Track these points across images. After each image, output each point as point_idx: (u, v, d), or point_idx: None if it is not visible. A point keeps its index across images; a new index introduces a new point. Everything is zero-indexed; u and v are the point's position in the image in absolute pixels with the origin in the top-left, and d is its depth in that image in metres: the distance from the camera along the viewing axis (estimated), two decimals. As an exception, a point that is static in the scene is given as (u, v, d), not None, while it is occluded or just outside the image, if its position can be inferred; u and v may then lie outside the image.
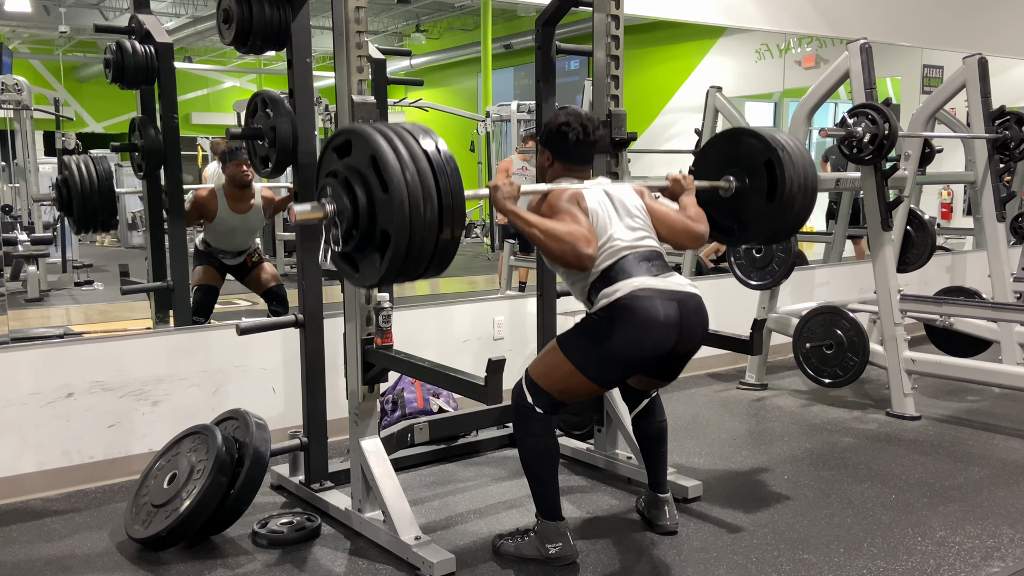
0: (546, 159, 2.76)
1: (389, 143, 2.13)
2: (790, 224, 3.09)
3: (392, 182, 2.09)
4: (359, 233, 2.21)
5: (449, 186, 2.16)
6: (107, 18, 11.46)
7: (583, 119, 2.68)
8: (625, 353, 2.46)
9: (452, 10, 12.64)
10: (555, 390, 2.56)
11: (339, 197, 2.22)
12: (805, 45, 7.50)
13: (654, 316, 2.44)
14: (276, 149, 2.86)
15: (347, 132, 2.26)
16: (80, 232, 3.97)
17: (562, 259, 2.47)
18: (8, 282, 6.17)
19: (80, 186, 3.67)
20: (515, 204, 2.48)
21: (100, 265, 8.39)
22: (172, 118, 3.84)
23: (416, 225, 2.11)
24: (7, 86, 6.58)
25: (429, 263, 2.21)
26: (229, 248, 4.48)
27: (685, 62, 9.68)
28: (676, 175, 2.92)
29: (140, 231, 9.58)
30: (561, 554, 2.59)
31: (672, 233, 2.75)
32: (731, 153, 3.10)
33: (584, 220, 2.51)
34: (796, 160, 2.97)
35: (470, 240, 12.38)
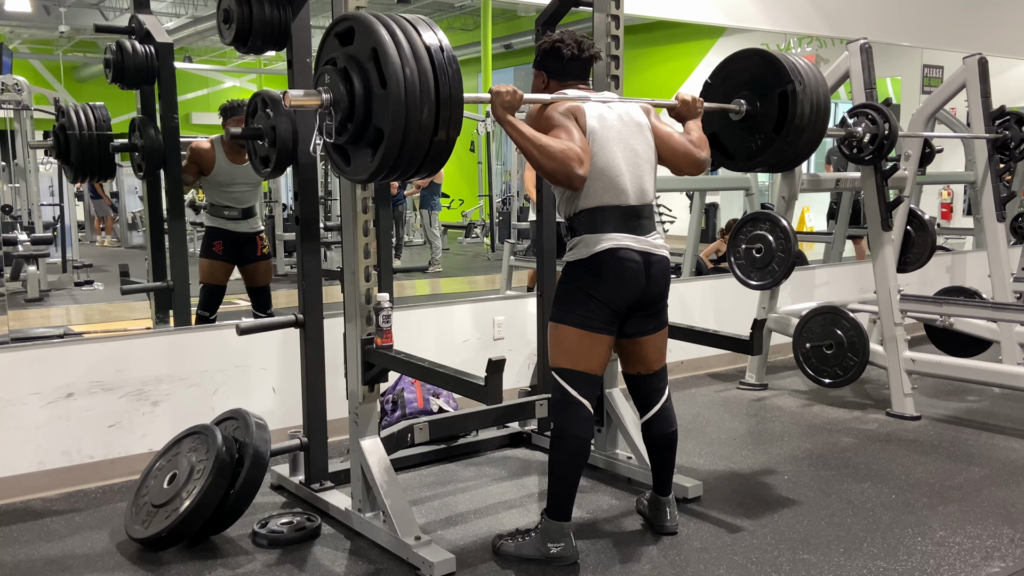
0: (541, 81, 2.72)
1: (392, 36, 2.08)
2: (794, 156, 3.07)
3: (391, 79, 2.05)
4: (353, 126, 2.18)
5: (449, 87, 2.13)
6: (107, 18, 11.46)
7: (576, 36, 2.68)
8: (604, 294, 2.54)
9: (452, 10, 12.64)
10: (578, 361, 2.58)
11: (336, 86, 2.18)
12: (805, 45, 7.50)
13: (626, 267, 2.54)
14: (276, 149, 2.86)
15: (351, 19, 2.19)
16: (77, 181, 3.93)
17: (553, 176, 2.46)
18: (8, 282, 6.17)
19: (78, 132, 3.65)
20: (514, 114, 2.46)
21: (100, 265, 8.40)
22: (172, 118, 3.84)
23: (412, 125, 2.09)
24: (7, 86, 6.57)
25: (421, 164, 2.19)
26: (233, 203, 4.38)
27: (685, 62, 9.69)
28: (686, 96, 2.87)
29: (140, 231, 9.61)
30: (562, 554, 2.59)
31: (672, 156, 2.73)
32: (746, 76, 3.03)
33: (578, 136, 2.48)
34: (811, 91, 2.92)
35: (470, 240, 12.39)
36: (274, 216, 8.91)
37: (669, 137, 2.72)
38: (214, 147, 4.31)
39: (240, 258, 4.47)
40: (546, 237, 3.55)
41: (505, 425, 3.70)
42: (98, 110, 3.74)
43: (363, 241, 2.77)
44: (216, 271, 4.38)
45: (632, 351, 2.76)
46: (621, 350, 2.77)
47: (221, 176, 4.32)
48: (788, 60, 2.98)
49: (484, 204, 11.39)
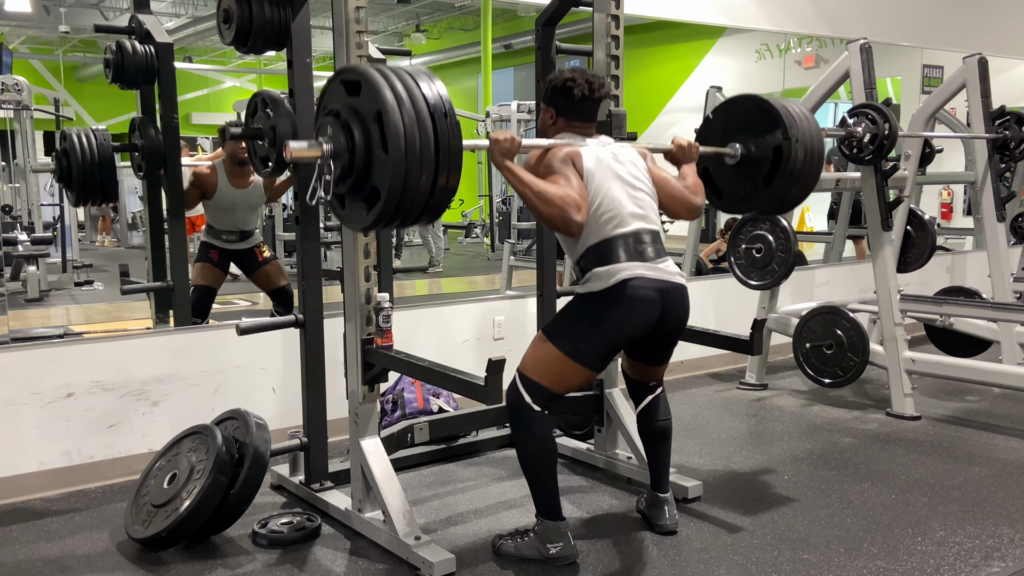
0: (549, 117, 2.73)
1: (397, 100, 2.09)
2: (790, 200, 3.09)
3: (393, 145, 2.07)
4: (352, 180, 2.19)
5: (449, 145, 2.14)
6: (107, 18, 11.47)
7: (588, 76, 2.67)
8: (608, 334, 2.50)
9: (452, 10, 12.64)
10: (549, 381, 2.56)
11: (337, 139, 2.19)
12: (805, 45, 7.50)
13: (638, 301, 2.49)
14: (276, 149, 2.86)
15: (359, 74, 2.19)
16: (79, 204, 3.93)
17: (550, 222, 2.47)
18: (8, 282, 6.17)
19: (80, 157, 3.65)
20: (512, 160, 2.47)
21: (100, 265, 8.40)
22: (172, 118, 3.84)
23: (409, 188, 2.11)
24: (7, 86, 6.57)
25: (417, 218, 2.22)
26: (231, 227, 4.42)
27: (685, 62, 9.68)
28: (682, 141, 2.90)
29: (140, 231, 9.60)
30: (561, 554, 2.59)
31: (669, 201, 2.75)
32: (742, 121, 3.06)
33: (576, 182, 2.49)
34: (806, 145, 2.94)
35: (470, 240, 12.39)
36: (274, 216, 8.91)
37: (666, 183, 2.75)
38: (216, 171, 4.33)
39: (243, 269, 4.50)
40: (546, 237, 3.55)
41: (505, 425, 3.70)
42: (100, 134, 3.74)
43: (363, 241, 2.77)
44: (208, 274, 4.39)
45: (640, 368, 2.83)
46: (629, 362, 2.81)
47: (223, 201, 4.36)
48: (786, 112, 2.99)
49: (484, 204, 11.39)
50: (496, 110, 10.26)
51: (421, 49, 13.44)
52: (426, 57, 13.75)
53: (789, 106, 3.02)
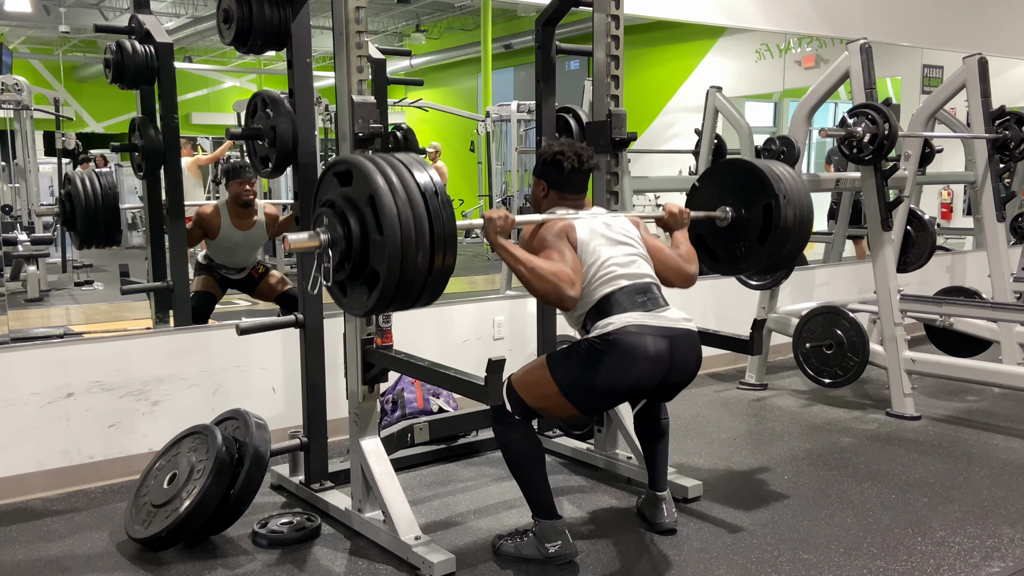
0: (541, 189, 2.80)
1: (388, 183, 2.16)
2: (779, 263, 3.15)
3: (387, 226, 2.13)
4: (350, 266, 2.25)
5: (443, 227, 2.20)
6: (107, 18, 11.46)
7: (576, 148, 2.73)
8: (609, 385, 2.48)
9: (452, 10, 12.64)
10: (533, 403, 2.59)
11: (334, 228, 2.25)
12: (805, 45, 7.50)
13: (643, 351, 2.46)
14: (276, 149, 2.86)
15: (349, 163, 2.27)
16: (83, 247, 3.94)
17: (545, 298, 2.49)
18: (8, 282, 6.17)
19: (84, 200, 3.66)
20: (507, 238, 2.51)
21: (100, 265, 8.39)
22: (172, 118, 3.84)
23: (407, 268, 2.16)
24: (7, 86, 6.58)
25: (417, 299, 2.27)
26: (232, 264, 4.49)
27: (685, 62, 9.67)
28: (673, 208, 2.95)
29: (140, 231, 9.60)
30: (561, 552, 2.59)
31: (664, 270, 2.77)
32: (732, 183, 3.13)
33: (571, 257, 2.52)
34: (794, 202, 3.01)
35: (470, 240, 12.39)
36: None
37: (660, 252, 2.78)
38: (219, 212, 4.36)
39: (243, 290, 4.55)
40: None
41: (505, 425, 3.69)
42: (104, 177, 3.75)
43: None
44: (209, 283, 4.43)
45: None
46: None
47: (225, 241, 4.40)
48: (772, 172, 3.04)
49: (484, 204, 11.38)
50: (496, 110, 10.26)
51: (421, 49, 13.44)
52: (426, 57, 13.75)
53: (774, 166, 3.09)
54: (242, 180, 4.36)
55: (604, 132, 3.25)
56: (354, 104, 2.63)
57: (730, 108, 6.02)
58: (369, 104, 2.66)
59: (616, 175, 3.33)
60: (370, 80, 2.73)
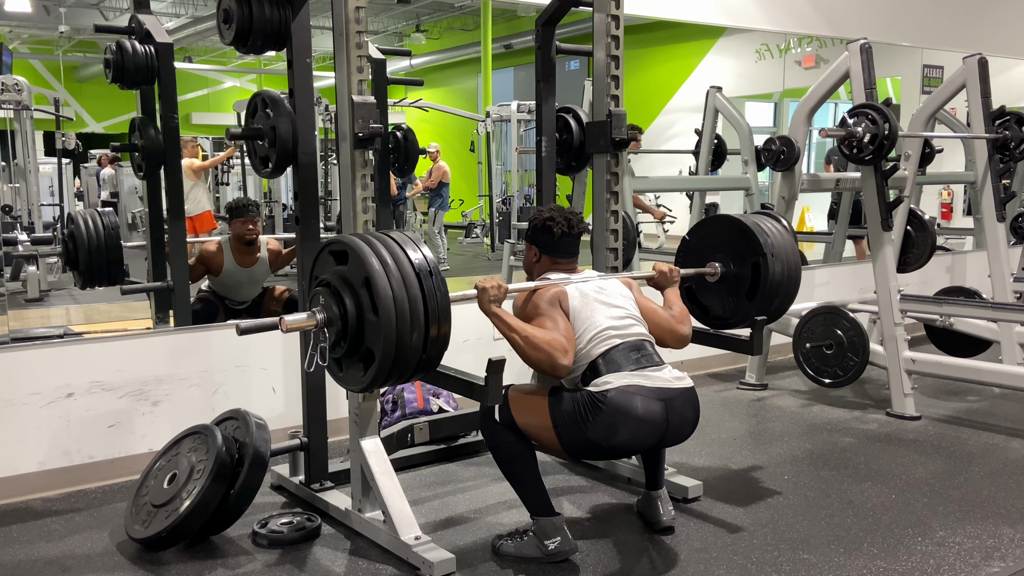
0: (533, 255, 2.83)
1: (383, 265, 2.20)
2: (772, 314, 3.19)
3: (382, 308, 2.16)
4: (346, 345, 2.28)
5: (437, 304, 2.24)
6: (107, 18, 11.47)
7: (566, 213, 2.77)
8: (600, 442, 2.50)
9: (452, 10, 12.65)
10: (522, 423, 2.60)
11: (330, 308, 2.28)
12: (805, 45, 7.51)
13: (635, 416, 2.47)
14: (276, 149, 2.86)
15: (345, 244, 2.30)
16: (85, 287, 3.93)
17: (538, 366, 2.52)
18: (8, 282, 6.17)
19: (87, 241, 3.67)
20: (499, 306, 2.53)
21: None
22: (172, 118, 3.84)
23: (402, 348, 2.20)
24: (7, 86, 6.58)
25: (413, 374, 2.31)
26: (235, 297, 4.53)
27: (685, 62, 9.68)
28: (662, 267, 2.99)
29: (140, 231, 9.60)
30: (560, 548, 2.59)
31: (658, 331, 2.79)
32: (719, 241, 3.18)
33: (563, 325, 2.55)
34: (782, 258, 3.07)
35: (470, 240, 12.39)
36: (274, 216, 8.92)
37: (653, 313, 2.81)
38: (222, 250, 4.37)
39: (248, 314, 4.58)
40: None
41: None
42: (106, 216, 3.75)
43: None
44: (215, 300, 4.47)
45: None
46: None
47: (228, 279, 4.42)
48: (760, 229, 3.10)
49: (484, 204, 11.39)
50: (496, 110, 10.26)
51: (421, 49, 13.45)
52: (426, 57, 13.75)
53: (761, 222, 3.14)
54: (245, 219, 4.39)
55: (604, 132, 3.25)
56: (354, 104, 2.63)
57: (730, 108, 6.02)
58: (369, 104, 2.66)
59: (616, 175, 3.33)
60: (370, 80, 2.74)
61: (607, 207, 3.33)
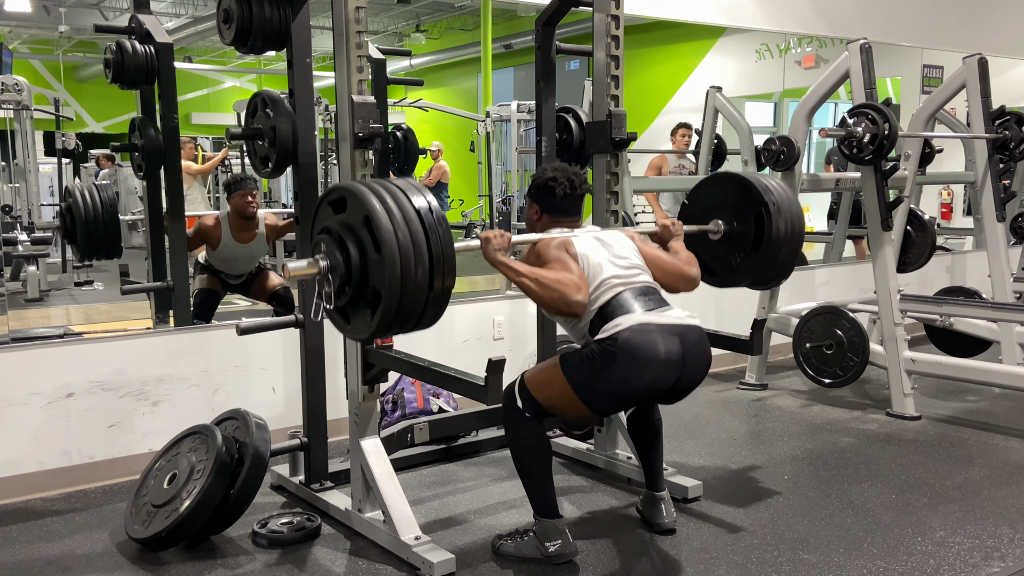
0: (534, 213, 2.81)
1: (383, 204, 2.17)
2: (775, 272, 3.16)
3: (385, 244, 2.14)
4: (351, 290, 2.25)
5: (441, 246, 2.21)
6: (107, 18, 11.46)
7: (569, 174, 2.74)
8: (622, 387, 2.47)
9: (452, 10, 12.64)
10: (546, 402, 2.59)
11: (332, 254, 2.26)
12: (805, 45, 7.50)
13: (654, 353, 2.44)
14: (276, 149, 2.86)
15: (343, 190, 2.28)
16: (84, 260, 3.94)
17: (552, 306, 2.48)
18: (8, 282, 6.17)
19: (84, 214, 3.66)
20: (505, 255, 2.51)
21: (100, 265, 8.37)
22: (172, 118, 3.84)
23: (407, 284, 2.16)
24: (7, 86, 6.57)
25: (419, 319, 2.27)
26: (231, 272, 4.52)
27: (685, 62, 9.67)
28: (665, 221, 2.97)
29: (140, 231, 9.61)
30: (561, 551, 2.59)
31: (665, 276, 2.77)
32: (722, 197, 3.14)
33: (574, 266, 2.53)
34: (784, 211, 3.03)
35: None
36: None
37: (659, 259, 2.79)
38: (220, 225, 4.36)
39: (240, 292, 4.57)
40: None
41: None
42: (104, 190, 3.75)
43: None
44: (212, 281, 4.45)
45: None
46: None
47: (225, 253, 4.41)
48: (760, 182, 3.07)
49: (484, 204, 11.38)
50: (496, 110, 10.25)
51: (421, 49, 13.43)
52: (426, 57, 13.74)
53: (762, 178, 3.12)
54: (244, 192, 4.37)
55: (604, 132, 3.25)
56: (354, 104, 2.64)
57: (730, 108, 6.02)
58: (369, 104, 2.66)
59: (616, 175, 3.33)
60: (370, 80, 2.74)
61: (607, 207, 3.33)
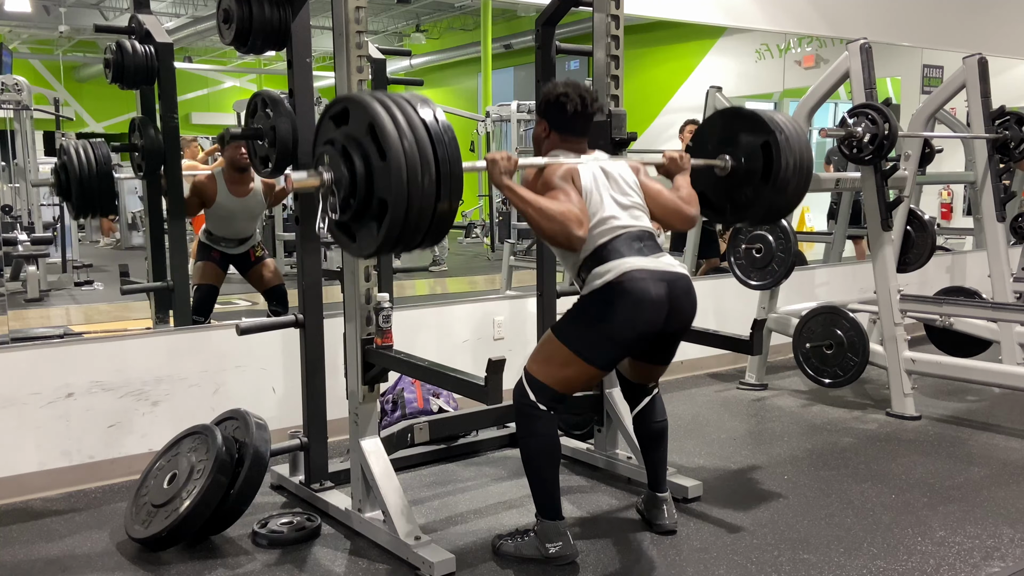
0: (543, 130, 2.74)
1: (387, 111, 2.11)
2: (783, 206, 3.11)
3: (390, 150, 2.08)
4: (356, 202, 2.19)
5: (447, 154, 2.15)
6: (107, 18, 11.46)
7: (581, 90, 2.66)
8: (619, 331, 2.48)
9: (452, 10, 12.64)
10: (556, 382, 2.56)
11: (336, 165, 2.20)
12: (805, 45, 7.50)
13: (646, 294, 2.47)
14: (276, 149, 2.86)
15: (344, 100, 2.23)
16: (79, 217, 3.93)
17: (553, 239, 2.47)
18: (8, 282, 6.17)
19: (79, 171, 3.65)
20: (511, 179, 2.47)
21: (100, 265, 8.39)
22: (172, 118, 3.84)
23: (414, 193, 2.10)
24: (7, 86, 6.57)
25: (426, 233, 2.21)
26: (231, 235, 4.44)
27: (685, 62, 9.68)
28: (673, 153, 2.91)
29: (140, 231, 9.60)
30: (561, 553, 2.59)
31: (663, 212, 2.75)
32: (729, 132, 3.09)
33: (577, 199, 2.50)
34: (793, 143, 2.97)
35: (470, 240, 12.38)
36: (274, 216, 8.90)
37: (659, 195, 2.75)
38: (215, 180, 4.32)
39: (238, 268, 4.51)
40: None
41: (505, 425, 3.70)
42: (98, 148, 3.74)
43: (363, 241, 2.76)
44: (210, 273, 4.40)
45: (639, 369, 2.81)
46: (630, 364, 2.80)
47: (222, 210, 4.36)
48: (767, 114, 3.04)
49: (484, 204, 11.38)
50: (496, 110, 10.25)
51: (421, 49, 13.43)
52: (426, 57, 13.74)
53: (770, 112, 3.07)
54: (237, 145, 4.32)
55: (604, 132, 3.25)
56: (354, 104, 2.63)
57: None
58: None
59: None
60: (370, 80, 2.74)
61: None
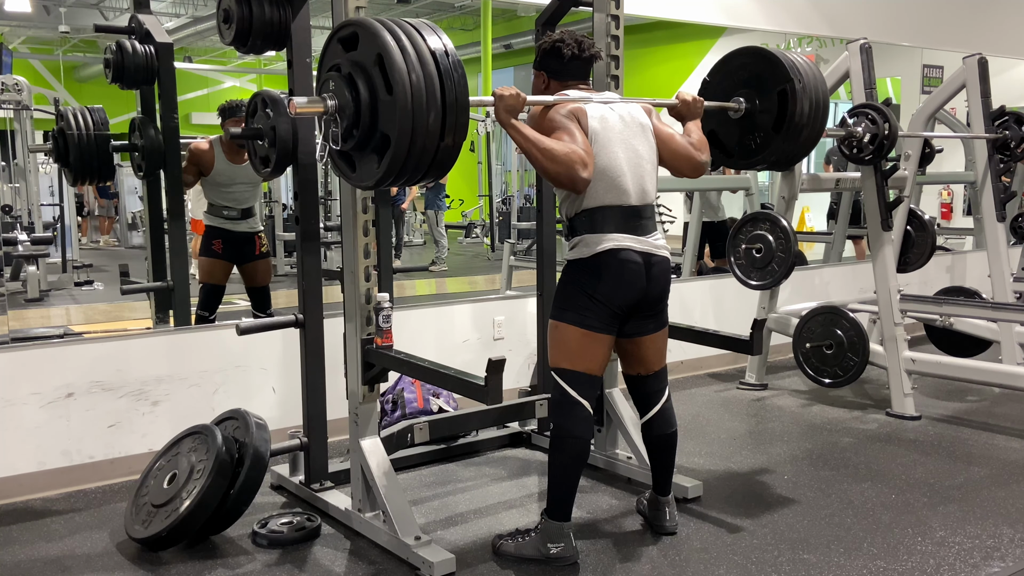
0: (541, 81, 2.72)
1: (397, 42, 2.07)
2: (794, 153, 3.07)
3: (397, 85, 2.04)
4: (359, 133, 2.16)
5: (455, 91, 2.11)
6: (107, 18, 11.46)
7: (576, 36, 2.67)
8: (603, 292, 2.52)
9: (452, 10, 12.63)
10: (576, 362, 2.57)
11: (341, 93, 2.16)
12: (805, 45, 7.50)
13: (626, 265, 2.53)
14: (276, 149, 2.86)
15: (355, 25, 2.18)
16: (76, 183, 3.94)
17: (556, 180, 2.46)
18: (8, 282, 6.17)
19: (76, 136, 3.65)
20: (516, 117, 2.45)
21: (100, 265, 8.40)
22: (172, 118, 3.84)
23: (418, 131, 2.07)
24: (7, 86, 6.57)
25: (428, 169, 2.18)
26: (231, 203, 4.39)
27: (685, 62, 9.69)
28: (686, 96, 2.86)
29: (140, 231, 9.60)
30: (562, 554, 2.59)
31: (673, 158, 2.73)
32: (746, 72, 3.04)
33: (581, 139, 2.47)
34: (810, 89, 2.93)
35: (470, 240, 12.39)
36: (274, 216, 8.91)
37: (671, 139, 2.72)
38: (213, 148, 4.30)
39: (239, 257, 4.47)
40: (546, 237, 3.55)
41: (505, 425, 3.70)
42: (96, 113, 3.74)
43: (363, 241, 2.77)
44: (215, 270, 4.38)
45: (632, 351, 2.76)
46: (621, 350, 2.77)
47: (220, 177, 4.32)
48: (787, 58, 2.99)
49: (484, 204, 11.38)
50: (496, 110, 10.24)
51: (421, 49, 13.42)
52: (426, 57, 13.74)
53: (789, 54, 3.00)
54: (238, 120, 4.30)
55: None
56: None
57: (730, 108, 6.00)
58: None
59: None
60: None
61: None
